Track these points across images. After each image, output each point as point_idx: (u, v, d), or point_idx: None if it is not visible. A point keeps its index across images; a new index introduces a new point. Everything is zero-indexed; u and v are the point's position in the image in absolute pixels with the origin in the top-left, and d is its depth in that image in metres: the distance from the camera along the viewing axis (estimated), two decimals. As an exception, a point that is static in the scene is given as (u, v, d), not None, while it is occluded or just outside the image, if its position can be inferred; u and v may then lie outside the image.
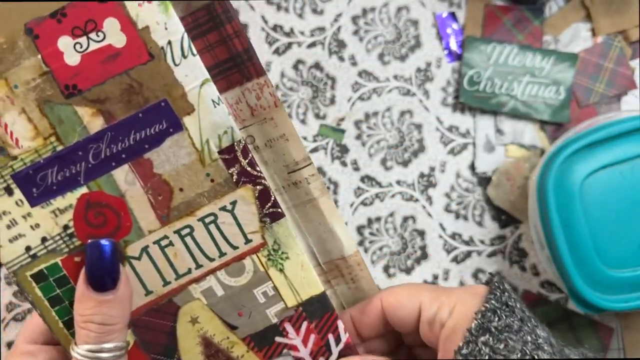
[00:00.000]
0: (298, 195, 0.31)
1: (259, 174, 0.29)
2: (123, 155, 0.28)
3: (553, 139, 0.45)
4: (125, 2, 0.26)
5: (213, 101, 0.28)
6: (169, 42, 0.27)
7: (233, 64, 0.30)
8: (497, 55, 0.46)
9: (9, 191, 0.28)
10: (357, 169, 0.46)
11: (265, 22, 0.46)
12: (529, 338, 0.23)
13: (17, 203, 0.28)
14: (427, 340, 0.28)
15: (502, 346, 0.23)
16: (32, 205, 0.28)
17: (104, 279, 0.27)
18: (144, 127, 0.28)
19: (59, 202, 0.28)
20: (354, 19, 0.47)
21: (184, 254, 0.29)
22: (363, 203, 0.46)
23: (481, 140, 0.46)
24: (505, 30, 0.47)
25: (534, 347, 0.23)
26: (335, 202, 0.46)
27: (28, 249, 0.29)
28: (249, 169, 0.29)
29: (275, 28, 0.46)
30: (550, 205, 0.39)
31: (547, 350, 0.23)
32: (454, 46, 0.47)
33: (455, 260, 0.46)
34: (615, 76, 0.46)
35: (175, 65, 0.27)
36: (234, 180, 0.29)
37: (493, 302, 0.24)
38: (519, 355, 0.22)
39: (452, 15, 0.47)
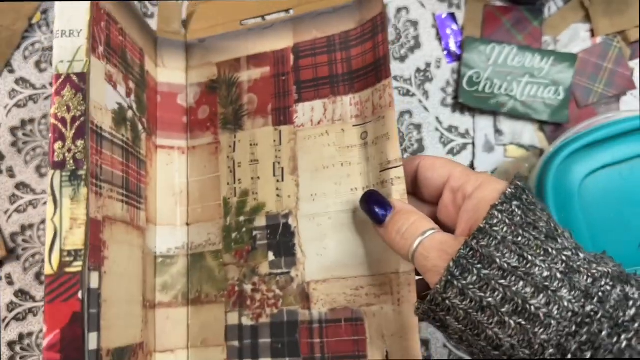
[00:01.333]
0: None
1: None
2: None
3: (552, 139, 0.46)
4: None
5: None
6: None
7: (373, 68, 0.32)
8: (497, 56, 0.46)
9: None
10: (356, 169, 0.46)
11: (265, 22, 0.46)
12: (550, 217, 0.26)
13: None
14: (444, 207, 0.29)
15: (531, 214, 0.25)
16: None
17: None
18: None
19: None
20: (354, 20, 0.47)
21: None
22: (363, 203, 0.46)
23: (480, 140, 0.46)
24: (505, 30, 0.47)
25: (554, 224, 0.25)
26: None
27: None
28: None
29: (275, 29, 0.46)
30: (549, 205, 0.39)
31: (564, 230, 0.26)
32: (453, 47, 0.47)
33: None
34: (614, 76, 0.46)
35: None
36: None
37: (521, 183, 0.27)
38: (544, 225, 0.25)
39: (452, 16, 0.48)
